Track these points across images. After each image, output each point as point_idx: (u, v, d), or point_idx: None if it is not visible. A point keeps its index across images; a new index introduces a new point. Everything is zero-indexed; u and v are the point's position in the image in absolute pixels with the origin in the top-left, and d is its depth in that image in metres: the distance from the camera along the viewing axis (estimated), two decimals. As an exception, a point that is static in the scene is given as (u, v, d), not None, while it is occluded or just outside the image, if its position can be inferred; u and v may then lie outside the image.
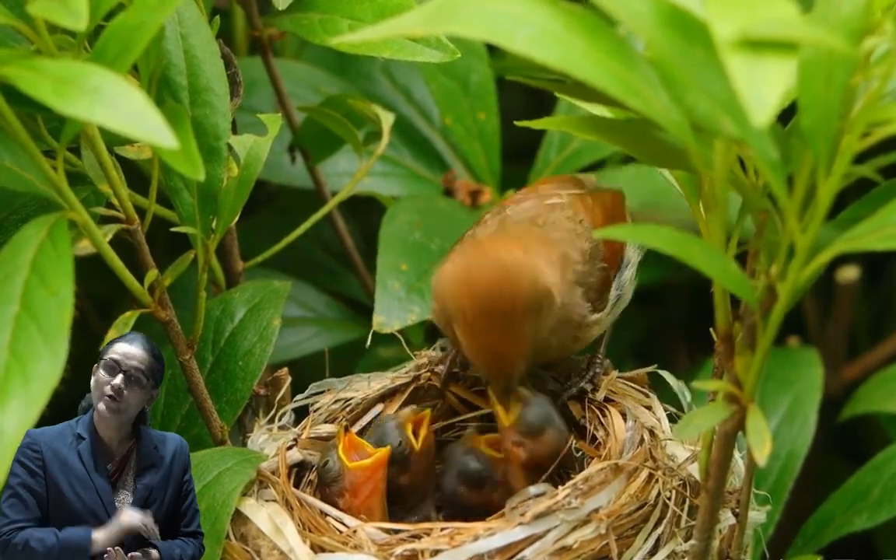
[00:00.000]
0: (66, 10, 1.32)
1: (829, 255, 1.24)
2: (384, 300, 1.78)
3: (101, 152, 1.47)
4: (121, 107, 1.27)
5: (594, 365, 1.63)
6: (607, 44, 1.22)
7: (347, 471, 1.54)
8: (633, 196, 1.74)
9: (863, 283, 2.15)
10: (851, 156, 1.23)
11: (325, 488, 1.55)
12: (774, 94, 1.13)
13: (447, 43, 1.63)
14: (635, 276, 1.65)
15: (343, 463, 1.54)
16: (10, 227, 1.51)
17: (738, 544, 1.51)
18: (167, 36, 1.53)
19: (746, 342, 1.31)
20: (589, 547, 1.44)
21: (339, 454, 1.55)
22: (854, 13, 1.19)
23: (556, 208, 1.60)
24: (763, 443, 1.27)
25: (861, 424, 2.08)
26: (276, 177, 1.98)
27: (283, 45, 2.08)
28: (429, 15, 1.22)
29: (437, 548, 1.43)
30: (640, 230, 1.51)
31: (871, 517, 1.74)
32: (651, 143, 1.33)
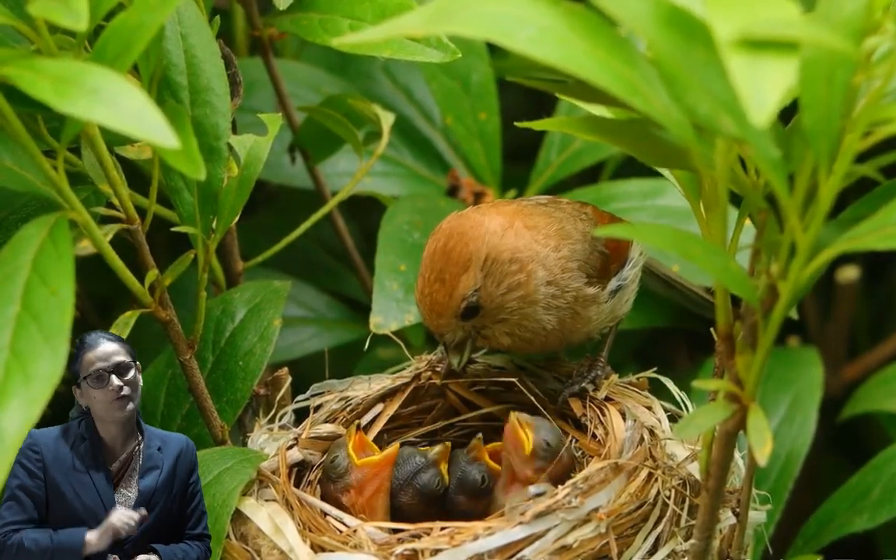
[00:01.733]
0: (66, 10, 1.32)
1: (830, 255, 1.24)
2: (382, 300, 1.78)
3: (102, 152, 1.47)
4: (121, 106, 1.27)
5: (596, 366, 1.64)
6: (608, 43, 1.22)
7: (355, 467, 1.54)
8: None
9: (863, 283, 2.15)
10: (853, 155, 1.23)
11: (329, 484, 1.55)
12: (775, 93, 1.13)
13: (448, 43, 1.63)
14: (637, 283, 1.66)
15: (352, 459, 1.55)
16: (11, 227, 1.51)
17: (738, 544, 1.51)
18: (167, 36, 1.53)
19: (747, 341, 1.31)
20: (589, 546, 1.44)
21: (348, 450, 1.55)
22: (855, 13, 1.19)
23: (564, 201, 1.65)
24: (764, 442, 1.27)
25: (861, 424, 2.08)
26: (276, 177, 1.98)
27: (283, 45, 2.08)
28: (429, 15, 1.22)
29: (437, 547, 1.43)
30: (641, 229, 1.51)
31: (871, 517, 1.74)
32: (652, 143, 1.33)
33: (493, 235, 1.54)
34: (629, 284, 1.64)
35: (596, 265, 1.59)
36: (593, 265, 1.59)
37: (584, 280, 1.58)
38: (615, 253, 1.62)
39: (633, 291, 1.66)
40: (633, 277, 1.65)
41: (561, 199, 1.67)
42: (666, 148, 1.32)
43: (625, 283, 1.63)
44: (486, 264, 1.53)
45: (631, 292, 1.65)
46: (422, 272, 1.55)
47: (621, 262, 1.63)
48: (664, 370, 1.65)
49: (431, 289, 1.54)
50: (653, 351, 2.16)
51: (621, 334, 1.74)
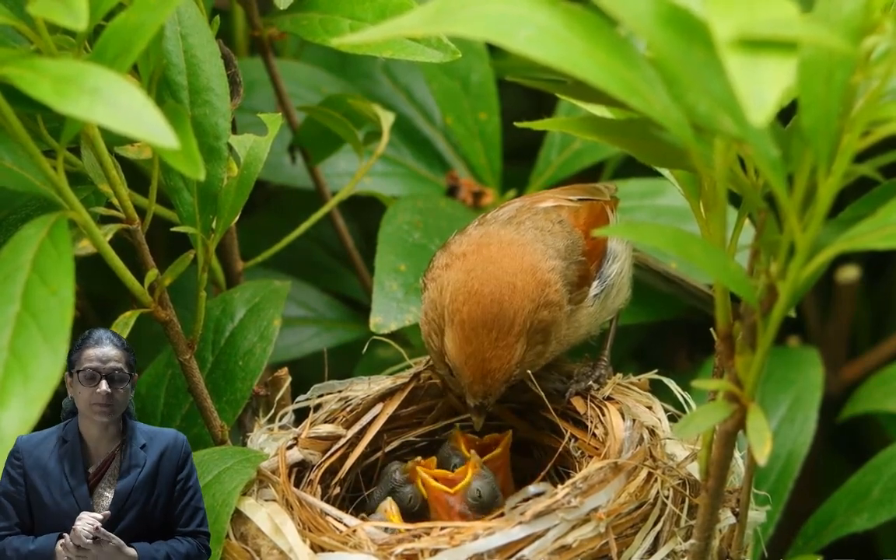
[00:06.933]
0: (66, 10, 1.32)
1: (829, 255, 1.24)
2: (381, 301, 1.78)
3: (102, 152, 1.47)
4: (121, 106, 1.27)
5: (599, 365, 1.64)
6: (608, 44, 1.22)
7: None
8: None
9: (863, 283, 2.15)
10: (852, 155, 1.23)
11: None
12: (774, 93, 1.13)
13: (448, 43, 1.63)
14: (627, 275, 1.66)
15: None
16: (11, 227, 1.51)
17: (738, 544, 1.51)
18: (167, 36, 1.53)
19: (747, 341, 1.31)
20: (588, 546, 1.44)
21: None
22: (854, 12, 1.19)
23: (538, 209, 1.63)
24: (763, 442, 1.27)
25: (861, 424, 2.08)
26: (276, 177, 1.98)
27: (283, 45, 2.08)
28: (430, 15, 1.22)
29: (436, 547, 1.43)
30: (640, 229, 1.51)
31: (871, 517, 1.74)
32: (651, 143, 1.33)
33: (531, 302, 1.53)
34: (615, 279, 1.64)
35: (575, 277, 1.59)
36: (572, 277, 1.58)
37: (568, 295, 1.58)
38: (592, 254, 1.61)
39: (625, 284, 1.65)
40: (618, 271, 1.64)
41: (534, 204, 1.64)
42: (665, 148, 1.32)
43: (608, 280, 1.63)
44: (529, 332, 1.53)
45: (621, 285, 1.65)
46: (467, 335, 1.53)
47: (599, 261, 1.62)
48: (664, 370, 1.65)
49: (488, 354, 1.52)
50: (652, 350, 2.16)
51: (621, 333, 1.74)
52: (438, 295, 1.55)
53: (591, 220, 1.65)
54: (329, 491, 1.62)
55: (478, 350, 1.52)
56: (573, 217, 1.63)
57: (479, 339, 1.52)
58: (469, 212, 1.96)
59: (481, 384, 1.53)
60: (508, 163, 2.01)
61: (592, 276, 1.61)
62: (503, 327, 1.52)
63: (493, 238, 1.58)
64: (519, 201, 1.67)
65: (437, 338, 1.55)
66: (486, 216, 1.64)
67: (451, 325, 1.53)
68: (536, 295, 1.53)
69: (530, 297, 1.53)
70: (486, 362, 1.52)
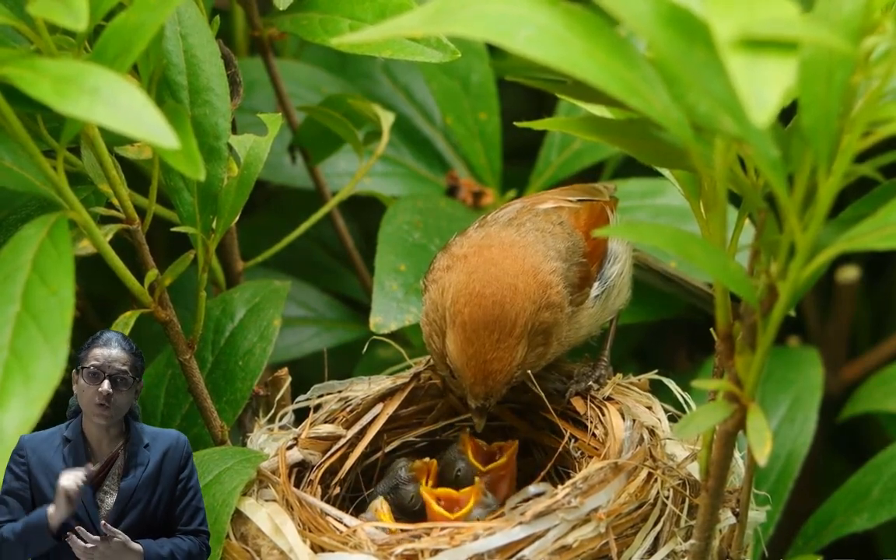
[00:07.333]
0: (66, 10, 1.32)
1: (829, 255, 1.24)
2: (381, 301, 1.78)
3: (102, 152, 1.47)
4: (121, 106, 1.27)
5: (599, 366, 1.64)
6: (608, 44, 1.22)
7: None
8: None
9: (863, 283, 2.15)
10: (852, 155, 1.23)
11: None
12: (774, 93, 1.13)
13: (448, 43, 1.63)
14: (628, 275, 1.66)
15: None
16: (11, 227, 1.51)
17: (738, 544, 1.51)
18: (167, 36, 1.53)
19: (747, 341, 1.31)
20: (588, 546, 1.44)
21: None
22: (854, 12, 1.19)
23: (538, 211, 1.63)
24: (763, 442, 1.27)
25: (861, 424, 2.08)
26: (276, 177, 1.98)
27: (283, 45, 2.08)
28: (429, 15, 1.22)
29: (436, 547, 1.43)
30: (640, 229, 1.51)
31: (871, 517, 1.74)
32: (651, 143, 1.33)
33: (533, 304, 1.53)
34: (616, 280, 1.64)
35: (576, 278, 1.59)
36: (573, 278, 1.58)
37: (569, 296, 1.58)
38: (593, 255, 1.62)
39: (625, 284, 1.66)
40: (618, 272, 1.64)
41: (534, 205, 1.64)
42: (665, 148, 1.32)
43: (609, 281, 1.63)
44: (530, 334, 1.54)
45: (622, 286, 1.65)
46: (469, 337, 1.53)
47: (600, 262, 1.62)
48: (664, 370, 1.65)
49: (490, 356, 1.52)
50: (652, 350, 2.16)
51: (621, 333, 1.74)
52: (440, 296, 1.56)
53: (592, 221, 1.65)
54: (329, 491, 1.63)
55: (479, 351, 1.52)
56: (573, 218, 1.63)
57: (481, 341, 1.52)
58: (469, 212, 1.96)
59: (483, 385, 1.53)
60: (508, 163, 2.01)
61: (593, 277, 1.62)
62: (505, 329, 1.52)
63: (494, 240, 1.58)
64: (519, 202, 1.67)
65: (439, 339, 1.56)
66: (487, 218, 1.64)
67: (453, 326, 1.53)
68: (538, 296, 1.54)
69: (532, 298, 1.53)
70: (487, 364, 1.52)
